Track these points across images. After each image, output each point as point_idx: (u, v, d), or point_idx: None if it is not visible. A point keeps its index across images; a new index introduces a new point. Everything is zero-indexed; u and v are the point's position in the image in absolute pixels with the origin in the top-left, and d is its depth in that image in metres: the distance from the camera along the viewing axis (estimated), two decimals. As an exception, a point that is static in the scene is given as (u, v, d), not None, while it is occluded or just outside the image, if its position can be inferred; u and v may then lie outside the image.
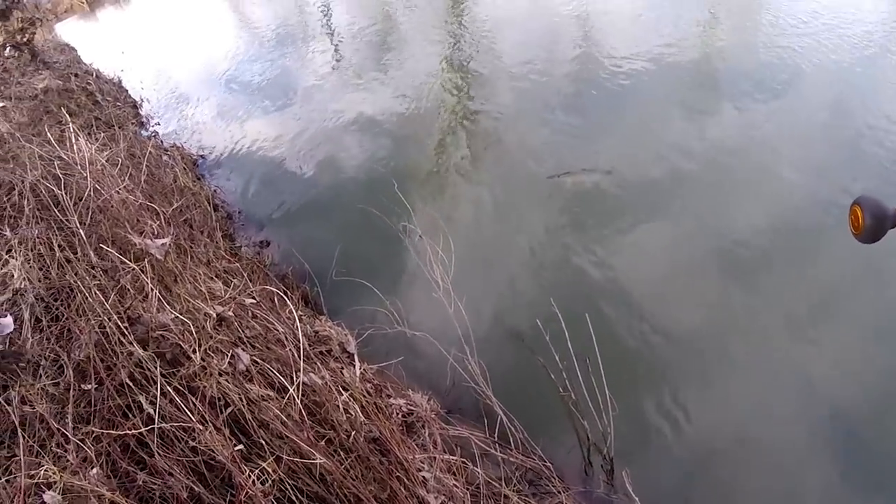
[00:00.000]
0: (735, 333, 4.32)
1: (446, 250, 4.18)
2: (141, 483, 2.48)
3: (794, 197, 5.31)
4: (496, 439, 3.66)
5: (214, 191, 7.16)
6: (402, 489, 2.91)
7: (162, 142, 8.78)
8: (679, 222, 5.27)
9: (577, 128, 6.89)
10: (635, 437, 3.79)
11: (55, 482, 2.38)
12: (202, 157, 8.45)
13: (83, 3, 30.32)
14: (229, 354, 2.99)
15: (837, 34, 7.80)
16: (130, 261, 3.50)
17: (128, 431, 2.53)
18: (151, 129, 9.89)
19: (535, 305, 4.47)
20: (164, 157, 7.29)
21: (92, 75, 12.01)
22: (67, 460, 2.50)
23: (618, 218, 5.41)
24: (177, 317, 3.05)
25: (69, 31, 21.42)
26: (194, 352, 2.86)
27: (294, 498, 2.63)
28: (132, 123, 9.49)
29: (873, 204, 1.53)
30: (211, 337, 3.05)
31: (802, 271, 4.64)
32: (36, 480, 2.39)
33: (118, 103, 10.64)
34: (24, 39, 12.07)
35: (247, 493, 2.45)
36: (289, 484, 2.65)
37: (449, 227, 5.16)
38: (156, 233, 4.08)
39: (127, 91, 11.99)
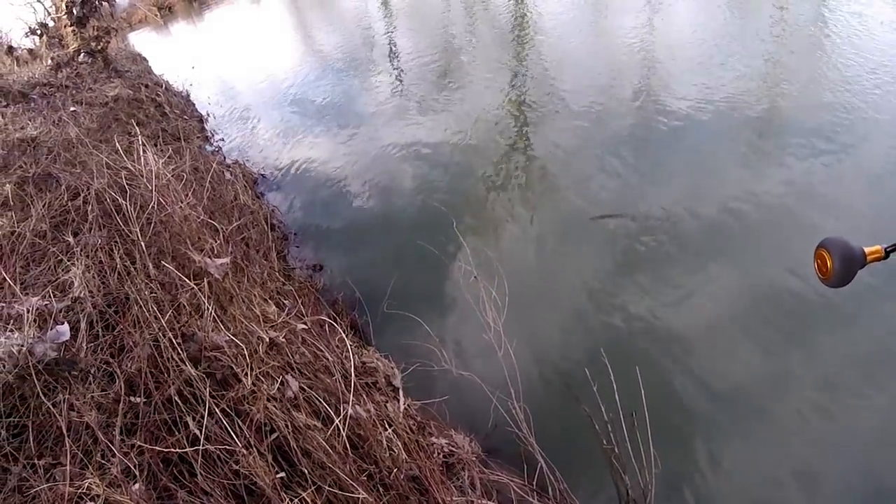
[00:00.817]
0: (786, 394, 4.20)
1: (500, 293, 4.17)
2: (180, 501, 2.49)
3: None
4: (535, 487, 3.61)
5: (272, 210, 7.27)
6: (439, 531, 2.89)
7: (225, 158, 8.97)
8: (732, 274, 5.17)
9: (633, 170, 6.84)
10: (676, 496, 3.71)
11: (97, 495, 2.40)
12: (262, 175, 8.60)
13: (157, 15, 31.41)
14: (279, 380, 3.00)
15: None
16: (189, 277, 3.56)
17: (172, 449, 2.55)
18: (215, 143, 10.12)
19: (584, 354, 4.43)
20: (226, 174, 7.42)
21: (161, 87, 12.38)
22: (111, 472, 2.53)
23: (672, 267, 5.33)
24: (230, 338, 3.08)
25: (142, 41, 22.14)
26: (245, 375, 2.88)
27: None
28: (197, 137, 9.73)
29: (841, 245, 1.51)
30: (262, 361, 3.08)
31: (859, 332, 4.50)
32: (79, 491, 2.42)
33: (185, 116, 10.93)
34: (99, 47, 12.50)
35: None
36: (328, 516, 2.64)
37: (504, 268, 5.14)
38: (215, 251, 4.14)
39: (194, 105, 12.31)
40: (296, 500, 2.57)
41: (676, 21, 11.59)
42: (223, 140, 10.48)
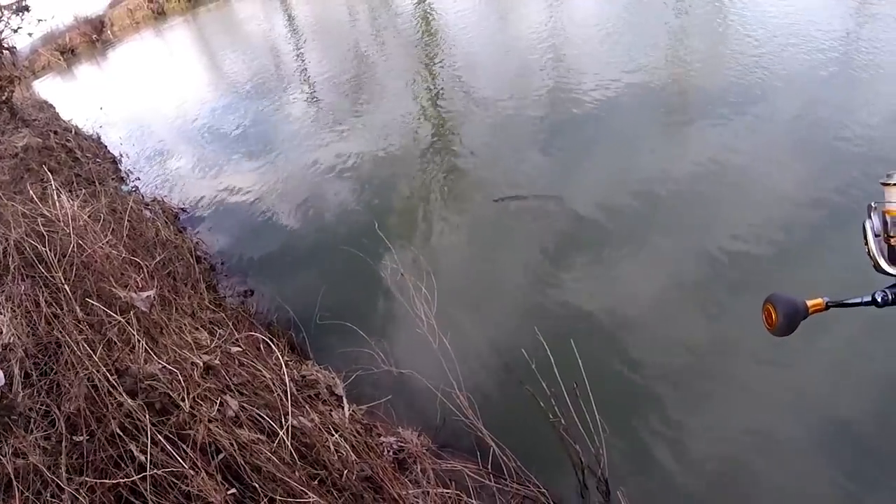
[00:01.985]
0: (719, 351, 4.35)
1: (429, 287, 4.22)
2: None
3: (774, 211, 5.39)
4: (490, 470, 3.67)
5: (196, 243, 7.20)
6: (398, 525, 2.93)
7: (143, 196, 8.83)
8: (657, 246, 5.33)
9: (552, 158, 7.00)
10: (628, 457, 3.81)
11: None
12: (183, 209, 8.51)
13: (60, 59, 30.62)
14: (218, 401, 3.01)
15: (804, 46, 7.96)
16: (117, 313, 3.53)
17: (120, 480, 2.54)
18: (132, 183, 9.95)
19: (519, 335, 4.49)
20: (146, 212, 7.32)
21: (71, 132, 12.09)
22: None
23: (597, 245, 5.47)
24: (164, 367, 3.07)
25: (47, 87, 21.54)
26: (183, 400, 2.88)
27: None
28: (112, 179, 9.55)
29: (784, 301, 1.61)
30: (199, 385, 3.07)
31: (792, 280, 4.69)
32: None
33: (98, 159, 10.71)
34: (3, 98, 12.13)
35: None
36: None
37: (430, 263, 5.21)
38: (139, 286, 4.11)
39: (106, 147, 12.09)
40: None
41: (578, 14, 11.86)
42: (139, 179, 10.32)
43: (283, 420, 3.03)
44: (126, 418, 2.87)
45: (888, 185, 1.46)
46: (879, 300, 1.51)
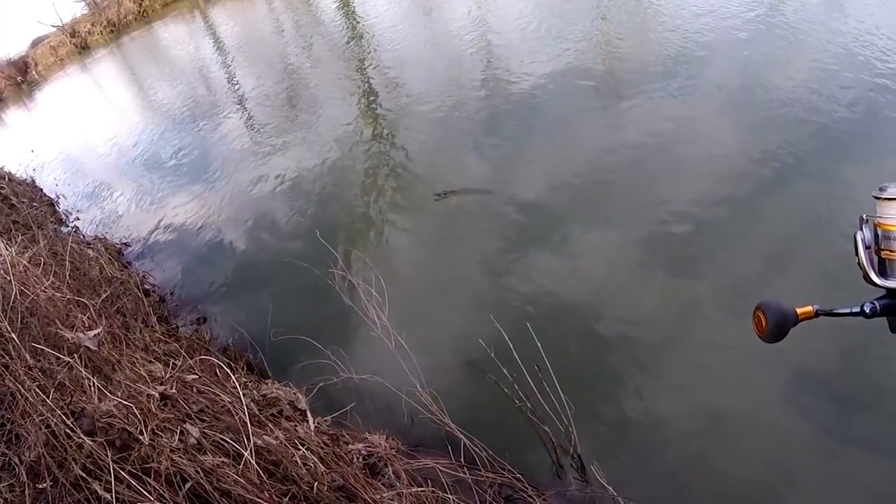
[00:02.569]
0: (671, 322, 4.44)
1: (378, 289, 4.20)
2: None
3: (714, 174, 5.50)
4: (463, 463, 3.68)
5: (143, 276, 7.09)
6: (375, 529, 2.92)
7: (84, 236, 8.65)
8: (603, 225, 5.41)
9: (490, 149, 7.05)
10: (598, 432, 3.86)
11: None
12: (126, 244, 8.36)
13: (-16, 106, 29.80)
14: (178, 430, 2.97)
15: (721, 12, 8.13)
16: (66, 356, 3.45)
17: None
18: (71, 224, 9.74)
19: (476, 326, 4.51)
20: (88, 251, 7.17)
21: (4, 178, 11.80)
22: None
23: (543, 231, 5.52)
24: (119, 402, 3.02)
25: (-27, 136, 20.97)
26: (141, 433, 2.83)
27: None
28: (51, 222, 9.34)
29: (774, 308, 1.63)
30: (157, 416, 3.03)
31: (738, 243, 4.79)
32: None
33: (34, 203, 10.47)
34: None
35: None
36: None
37: (377, 266, 5.19)
38: (87, 325, 4.03)
39: (42, 190, 11.82)
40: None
41: (501, 7, 11.89)
42: (79, 219, 10.10)
43: (246, 441, 3.00)
44: (87, 459, 2.82)
45: (880, 198, 1.48)
46: (868, 311, 1.54)
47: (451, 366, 4.53)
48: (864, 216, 1.54)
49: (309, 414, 3.82)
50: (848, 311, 1.59)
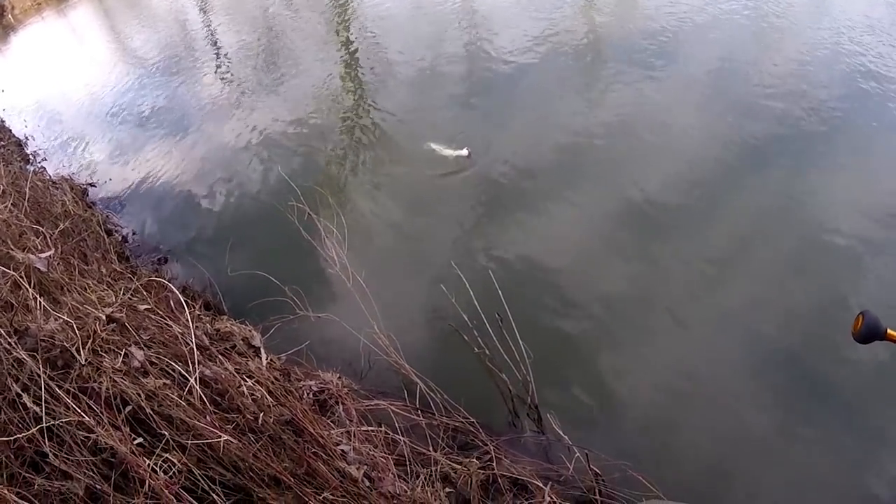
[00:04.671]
0: (634, 280, 4.48)
1: (340, 227, 4.13)
2: (37, 487, 2.38)
3: (690, 149, 5.51)
4: (417, 406, 3.65)
5: (107, 217, 6.94)
6: (322, 464, 2.87)
7: (50, 176, 8.46)
8: (574, 192, 5.41)
9: (470, 115, 6.98)
10: (555, 382, 3.86)
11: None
12: (91, 185, 8.16)
13: (-41, 48, 29.10)
14: (122, 353, 2.89)
15: None
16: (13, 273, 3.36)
17: (16, 437, 2.42)
18: (38, 165, 9.52)
19: (438, 272, 4.49)
20: (53, 190, 7.01)
21: (-29, 115, 11.56)
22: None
23: (515, 195, 5.54)
24: (64, 321, 2.93)
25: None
26: (78, 352, 2.75)
27: (207, 487, 2.56)
28: (18, 160, 9.12)
29: (873, 320, 1.95)
30: (100, 337, 2.95)
31: (703, 224, 4.81)
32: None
33: (1, 142, 10.24)
34: None
35: (149, 485, 2.37)
36: (199, 474, 2.57)
37: (340, 205, 5.15)
38: (40, 249, 3.93)
39: (10, 130, 11.54)
40: (158, 462, 2.49)
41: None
42: (46, 160, 9.86)
43: (193, 370, 2.93)
44: (27, 377, 2.73)
45: None
46: None
47: (411, 310, 4.49)
48: None
49: (262, 350, 3.75)
50: None
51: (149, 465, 2.43)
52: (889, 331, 1.95)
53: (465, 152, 5.99)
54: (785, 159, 5.17)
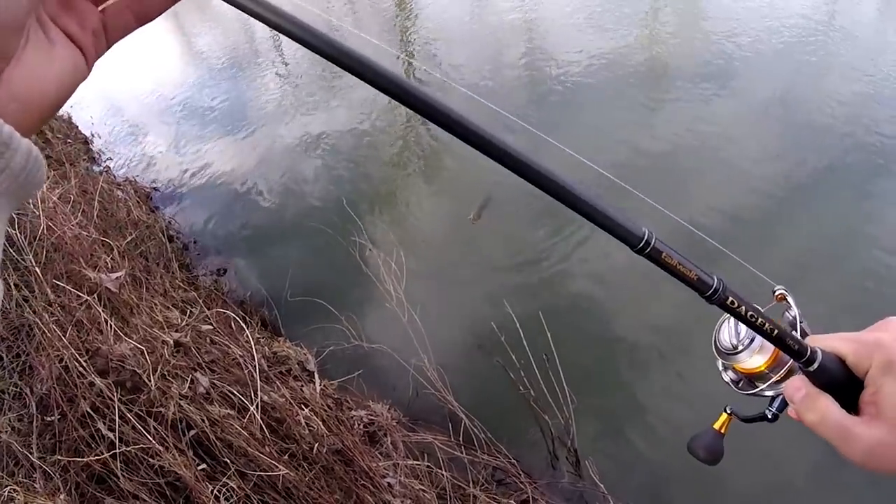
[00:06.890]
0: (686, 329, 4.43)
1: (398, 262, 4.23)
2: (106, 506, 2.53)
3: (747, 181, 5.49)
4: (461, 442, 3.74)
5: (169, 222, 7.13)
6: (368, 496, 2.99)
7: (115, 177, 8.74)
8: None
9: (523, 133, 6.99)
10: (597, 428, 3.91)
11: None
12: (155, 189, 8.40)
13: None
14: (189, 379, 3.04)
15: (779, 23, 8.02)
16: (86, 295, 3.53)
17: (90, 459, 2.58)
18: (103, 164, 9.80)
19: (489, 310, 4.55)
20: (118, 192, 7.24)
21: (41, 112, 11.84)
22: (35, 488, 2.54)
23: (567, 221, 5.48)
24: (135, 346, 3.09)
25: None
26: (149, 377, 2.91)
27: (261, 513, 2.70)
28: (84, 160, 9.40)
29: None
30: (168, 362, 3.10)
31: (762, 256, 4.77)
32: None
33: (69, 140, 10.53)
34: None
35: (210, 509, 2.51)
36: (256, 500, 2.71)
37: (399, 239, 5.25)
38: (110, 266, 4.11)
39: (77, 127, 11.88)
40: (219, 488, 2.63)
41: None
42: (111, 159, 10.13)
43: (253, 395, 3.07)
44: (97, 398, 2.90)
45: None
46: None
47: (461, 345, 4.56)
48: None
49: (317, 376, 3.89)
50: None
51: (212, 491, 2.57)
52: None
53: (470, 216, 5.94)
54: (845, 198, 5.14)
